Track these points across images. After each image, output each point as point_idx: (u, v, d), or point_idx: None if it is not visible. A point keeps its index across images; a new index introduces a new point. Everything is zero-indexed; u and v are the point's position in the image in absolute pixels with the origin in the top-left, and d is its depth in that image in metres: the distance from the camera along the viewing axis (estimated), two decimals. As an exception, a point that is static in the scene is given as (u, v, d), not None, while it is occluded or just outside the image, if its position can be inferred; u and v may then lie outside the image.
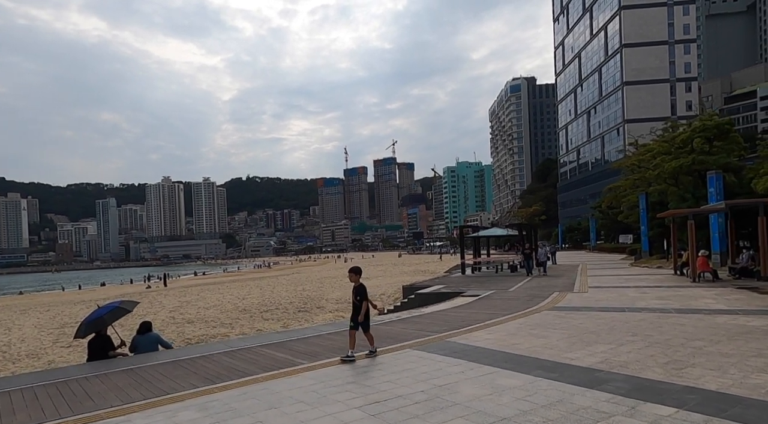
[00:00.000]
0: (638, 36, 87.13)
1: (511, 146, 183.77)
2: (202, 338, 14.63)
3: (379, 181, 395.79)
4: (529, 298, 14.11)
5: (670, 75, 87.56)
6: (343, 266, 72.44)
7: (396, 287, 25.47)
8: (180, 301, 26.33)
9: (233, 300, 24.38)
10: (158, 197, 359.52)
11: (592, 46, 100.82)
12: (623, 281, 18.15)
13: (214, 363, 7.52)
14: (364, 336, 7.43)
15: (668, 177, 24.86)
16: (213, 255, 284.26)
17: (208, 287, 38.09)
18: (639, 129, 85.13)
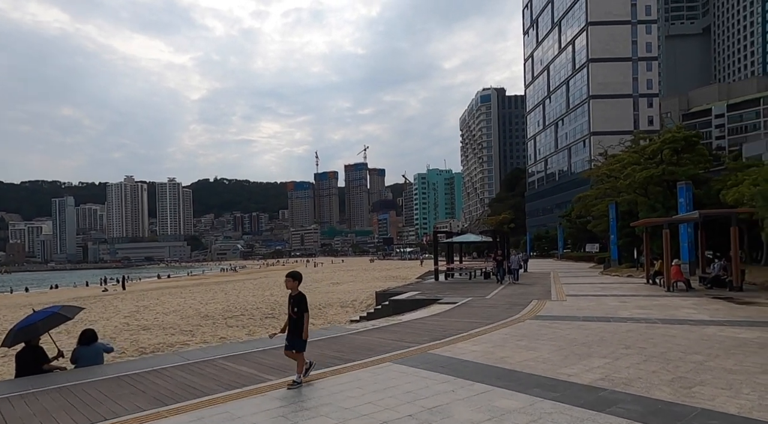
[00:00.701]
0: (604, 52, 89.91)
1: (481, 155, 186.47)
2: (158, 347, 13.45)
3: (350, 186, 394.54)
4: (508, 306, 13.63)
5: (633, 91, 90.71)
6: (313, 270, 71.06)
7: (368, 292, 24.70)
8: (137, 305, 24.72)
9: (195, 305, 23.01)
10: (120, 197, 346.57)
11: (560, 59, 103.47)
12: (598, 290, 18.00)
13: (167, 379, 6.57)
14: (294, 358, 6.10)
15: (638, 187, 25.18)
16: (177, 258, 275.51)
17: (170, 291, 36.23)
18: (604, 141, 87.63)
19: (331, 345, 8.82)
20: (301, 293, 6.01)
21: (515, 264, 22.18)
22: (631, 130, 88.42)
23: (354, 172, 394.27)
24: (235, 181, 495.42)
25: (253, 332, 16.01)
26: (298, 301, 5.94)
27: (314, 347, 8.58)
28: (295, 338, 5.92)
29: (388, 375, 6.33)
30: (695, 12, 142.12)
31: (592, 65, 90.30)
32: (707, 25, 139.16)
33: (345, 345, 8.79)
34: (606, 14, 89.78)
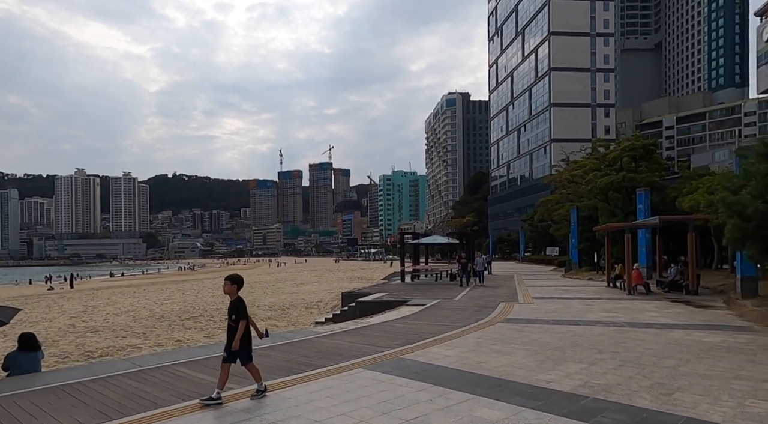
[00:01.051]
0: (565, 61, 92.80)
1: (446, 158, 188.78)
2: (107, 351, 12.51)
3: (314, 185, 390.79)
4: (477, 309, 13.51)
5: (592, 100, 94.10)
6: (276, 270, 69.59)
7: (334, 293, 24.17)
8: (85, 305, 23.18)
9: (150, 305, 21.76)
10: (70, 191, 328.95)
11: (524, 67, 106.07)
12: (562, 292, 18.24)
13: (114, 389, 5.94)
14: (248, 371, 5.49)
15: (599, 193, 25.90)
16: (132, 255, 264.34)
17: (123, 290, 34.35)
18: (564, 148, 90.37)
19: (298, 349, 8.35)
20: (240, 299, 5.31)
21: (480, 266, 22.10)
22: (590, 138, 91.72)
23: (319, 172, 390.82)
24: (195, 178, 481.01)
25: (213, 334, 15.23)
26: (236, 307, 5.24)
27: (280, 352, 8.09)
28: (242, 348, 5.24)
29: (361, 383, 5.95)
30: (648, 28, 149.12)
31: (554, 74, 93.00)
32: (659, 41, 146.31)
33: (313, 349, 8.33)
34: (567, 25, 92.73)
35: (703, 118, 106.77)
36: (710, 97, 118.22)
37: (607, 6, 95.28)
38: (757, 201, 9.40)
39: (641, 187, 22.48)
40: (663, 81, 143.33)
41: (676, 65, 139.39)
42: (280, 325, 17.07)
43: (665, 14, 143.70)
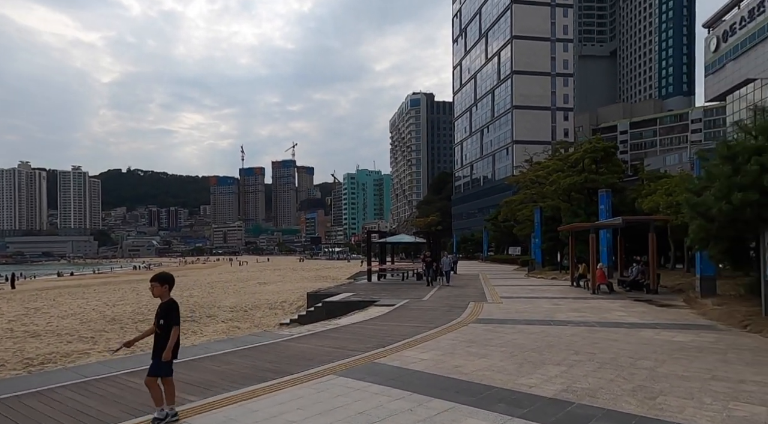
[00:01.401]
0: (526, 65, 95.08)
1: (410, 158, 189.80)
2: (50, 358, 11.49)
3: (277, 183, 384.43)
4: (447, 308, 13.32)
5: (552, 104, 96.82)
6: (237, 270, 67.67)
7: (298, 293, 23.52)
8: (27, 307, 21.47)
9: (100, 307, 20.36)
10: (12, 185, 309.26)
11: (487, 69, 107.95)
12: (528, 292, 18.37)
13: (54, 404, 5.27)
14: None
15: (562, 193, 26.44)
16: (82, 254, 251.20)
17: (71, 291, 32.24)
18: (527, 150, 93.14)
19: (263, 355, 7.82)
20: (173, 301, 4.67)
21: (446, 266, 21.86)
22: (550, 141, 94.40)
23: (282, 169, 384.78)
24: (152, 173, 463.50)
25: (169, 337, 14.34)
26: (167, 310, 4.60)
27: (244, 358, 7.54)
28: (161, 360, 4.56)
29: (334, 391, 5.53)
30: (604, 36, 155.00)
31: (516, 77, 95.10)
32: (614, 49, 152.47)
33: (280, 354, 7.83)
34: (529, 30, 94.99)
35: (654, 124, 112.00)
36: (660, 104, 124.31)
37: (566, 12, 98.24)
38: (720, 202, 9.59)
39: (603, 189, 23.03)
40: (617, 87, 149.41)
41: (629, 73, 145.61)
42: (242, 327, 16.33)
43: (620, 23, 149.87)
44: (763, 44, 46.37)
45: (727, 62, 51.52)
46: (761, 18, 46.47)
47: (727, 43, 51.76)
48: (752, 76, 47.94)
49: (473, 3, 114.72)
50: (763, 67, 46.17)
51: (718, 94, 54.08)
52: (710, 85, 54.91)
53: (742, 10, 50.15)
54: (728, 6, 52.45)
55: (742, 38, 49.38)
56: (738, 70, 50.09)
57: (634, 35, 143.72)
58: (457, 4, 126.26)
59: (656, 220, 16.71)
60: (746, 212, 9.19)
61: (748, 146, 9.70)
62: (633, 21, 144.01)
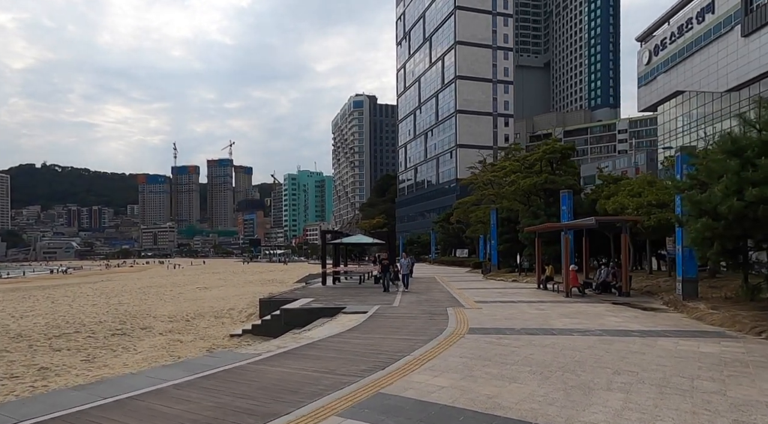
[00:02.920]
0: (469, 70, 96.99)
1: (353, 159, 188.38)
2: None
3: (213, 182, 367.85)
4: (428, 316, 11.99)
5: (494, 109, 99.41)
6: (171, 273, 62.68)
7: (246, 299, 21.26)
8: None
9: (3, 319, 16.97)
10: None
11: (431, 73, 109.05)
12: (499, 295, 17.51)
13: None
14: None
15: (522, 194, 26.17)
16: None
17: (-34, 300, 27.51)
18: (469, 154, 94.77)
19: (230, 385, 6.00)
20: None
21: (405, 268, 19.72)
22: (491, 145, 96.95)
23: (218, 168, 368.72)
24: (71, 170, 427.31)
25: (94, 356, 11.88)
26: None
27: (204, 392, 5.69)
28: None
29: (353, 448, 3.95)
30: (539, 47, 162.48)
31: (459, 82, 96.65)
32: (548, 60, 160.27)
33: (252, 384, 6.06)
34: (471, 36, 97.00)
35: (585, 133, 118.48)
36: (589, 114, 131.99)
37: (506, 21, 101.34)
38: (730, 199, 8.99)
39: (564, 189, 22.82)
40: (551, 97, 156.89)
41: (562, 84, 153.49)
42: (185, 340, 14.08)
43: (553, 36, 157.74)
44: (691, 58, 49.70)
45: (658, 75, 54.86)
46: (689, 34, 49.85)
47: (658, 56, 55.13)
48: (681, 88, 51.30)
49: (417, 7, 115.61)
50: (692, 80, 49.50)
51: (650, 105, 57.53)
52: (642, 95, 58.31)
53: (672, 26, 53.61)
54: (659, 22, 55.93)
55: (672, 53, 52.73)
56: (668, 82, 53.43)
57: (566, 48, 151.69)
58: (401, 7, 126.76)
59: (628, 220, 16.42)
60: (758, 209, 8.62)
61: (756, 140, 9.15)
62: (565, 35, 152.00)
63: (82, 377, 10.06)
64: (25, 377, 9.97)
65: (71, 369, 10.68)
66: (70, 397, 5.83)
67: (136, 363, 11.26)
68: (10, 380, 9.74)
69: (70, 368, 10.82)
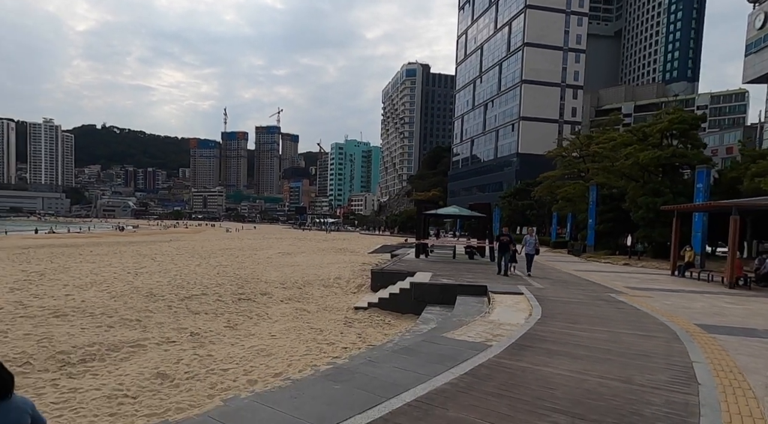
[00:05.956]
0: (539, 37, 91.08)
1: (402, 130, 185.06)
2: (91, 354, 8.11)
3: (261, 149, 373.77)
4: (605, 303, 10.38)
5: (561, 80, 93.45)
6: (229, 237, 63.64)
7: (348, 269, 20.29)
8: (24, 270, 17.60)
9: (121, 275, 16.63)
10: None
11: (495, 40, 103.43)
12: (637, 282, 15.56)
13: None
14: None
15: (638, 170, 23.59)
16: (53, 211, 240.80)
17: (63, 251, 28.13)
18: (532, 127, 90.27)
19: (513, 391, 4.62)
20: None
21: (530, 247, 16.70)
22: (556, 119, 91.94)
23: (266, 135, 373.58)
24: (128, 132, 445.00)
25: (234, 322, 11.05)
26: None
27: (494, 398, 4.28)
28: None
29: None
30: (610, 15, 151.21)
31: (527, 49, 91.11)
32: (619, 28, 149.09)
33: (545, 392, 4.66)
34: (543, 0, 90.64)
35: (658, 109, 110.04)
36: (663, 88, 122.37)
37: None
38: None
39: (701, 165, 20.21)
40: (620, 69, 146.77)
41: (633, 54, 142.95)
42: (311, 310, 13.12)
43: (627, 2, 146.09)
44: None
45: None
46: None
47: (778, 18, 48.89)
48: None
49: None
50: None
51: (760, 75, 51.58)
52: (751, 64, 52.28)
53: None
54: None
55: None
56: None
57: (641, 15, 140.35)
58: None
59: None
60: None
61: None
62: (640, 1, 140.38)
63: (238, 346, 9.16)
64: (181, 342, 9.16)
65: (221, 336, 9.83)
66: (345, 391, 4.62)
67: (281, 333, 10.33)
68: (169, 344, 8.95)
69: (218, 334, 9.98)
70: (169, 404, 6.31)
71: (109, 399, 6.41)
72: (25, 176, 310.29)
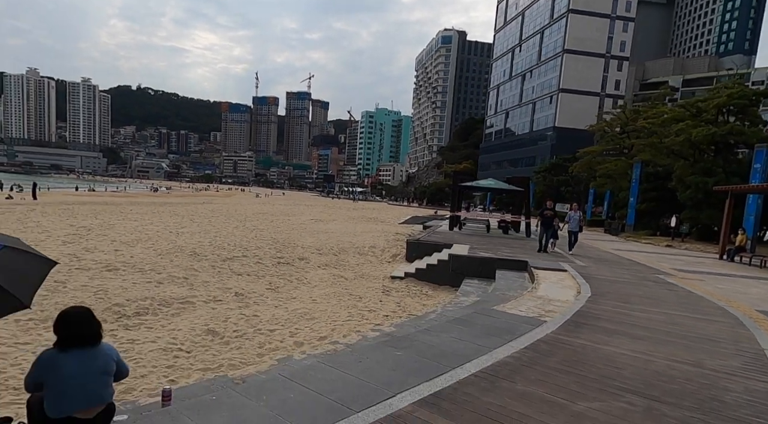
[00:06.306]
0: (585, 3, 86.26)
1: (435, 100, 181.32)
2: (145, 307, 8.37)
3: (291, 115, 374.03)
4: (653, 284, 10.01)
5: (607, 50, 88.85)
6: (260, 202, 64.65)
7: (382, 238, 20.31)
8: (72, 225, 18.35)
9: (164, 233, 17.14)
10: (20, 92, 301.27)
11: (538, 5, 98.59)
12: (683, 264, 15.01)
13: None
14: None
15: (688, 147, 22.40)
16: (90, 170, 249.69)
17: (104, 209, 29.14)
18: (572, 100, 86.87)
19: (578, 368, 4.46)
20: None
21: (574, 224, 15.98)
22: (598, 92, 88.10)
23: (296, 101, 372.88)
24: (162, 93, 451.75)
25: (275, 285, 11.22)
26: None
27: (563, 375, 4.12)
28: None
29: None
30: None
31: (572, 16, 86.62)
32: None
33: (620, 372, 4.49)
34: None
35: (710, 83, 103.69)
36: (716, 61, 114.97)
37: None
38: None
39: (760, 144, 19.01)
40: (670, 40, 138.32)
41: (685, 24, 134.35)
42: (348, 277, 13.21)
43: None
44: None
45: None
46: None
47: None
48: None
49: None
50: None
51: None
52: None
53: None
54: None
55: None
56: None
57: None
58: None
59: None
60: None
61: None
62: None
63: (281, 308, 9.31)
64: (227, 301, 9.37)
65: (264, 298, 10.01)
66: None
67: (321, 298, 10.45)
68: (215, 303, 9.17)
69: (260, 296, 10.16)
70: (222, 360, 6.47)
71: (165, 352, 6.61)
72: (64, 135, 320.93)
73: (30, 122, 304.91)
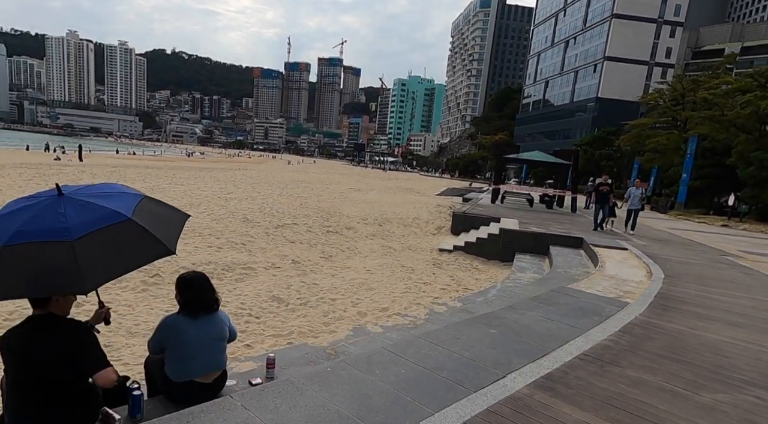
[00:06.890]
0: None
1: (470, 68, 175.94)
2: (209, 271, 8.50)
3: (322, 82, 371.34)
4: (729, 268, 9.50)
5: (659, 15, 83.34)
6: (294, 170, 65.08)
7: (423, 209, 20.11)
8: (122, 189, 18.87)
9: (213, 199, 17.32)
10: (61, 54, 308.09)
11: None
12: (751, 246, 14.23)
13: None
14: None
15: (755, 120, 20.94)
16: (128, 134, 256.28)
17: (149, 172, 29.87)
18: (618, 69, 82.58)
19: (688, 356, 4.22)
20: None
21: (636, 202, 14.56)
22: (647, 60, 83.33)
23: (328, 68, 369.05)
24: (196, 58, 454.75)
25: (328, 254, 11.24)
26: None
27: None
28: None
29: None
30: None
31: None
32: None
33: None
34: None
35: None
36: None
37: None
38: None
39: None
40: (729, 3, 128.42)
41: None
42: (396, 248, 13.13)
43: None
44: None
45: None
46: None
47: None
48: None
49: None
50: None
51: None
52: None
53: None
54: None
55: None
56: None
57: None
58: None
59: None
60: None
61: None
62: None
63: (338, 277, 9.31)
64: (286, 268, 9.43)
65: (319, 266, 10.04)
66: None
67: (375, 268, 10.40)
68: (275, 270, 9.25)
69: (316, 264, 10.19)
70: (291, 327, 6.49)
71: (236, 317, 6.68)
72: (102, 98, 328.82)
73: (70, 85, 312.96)
